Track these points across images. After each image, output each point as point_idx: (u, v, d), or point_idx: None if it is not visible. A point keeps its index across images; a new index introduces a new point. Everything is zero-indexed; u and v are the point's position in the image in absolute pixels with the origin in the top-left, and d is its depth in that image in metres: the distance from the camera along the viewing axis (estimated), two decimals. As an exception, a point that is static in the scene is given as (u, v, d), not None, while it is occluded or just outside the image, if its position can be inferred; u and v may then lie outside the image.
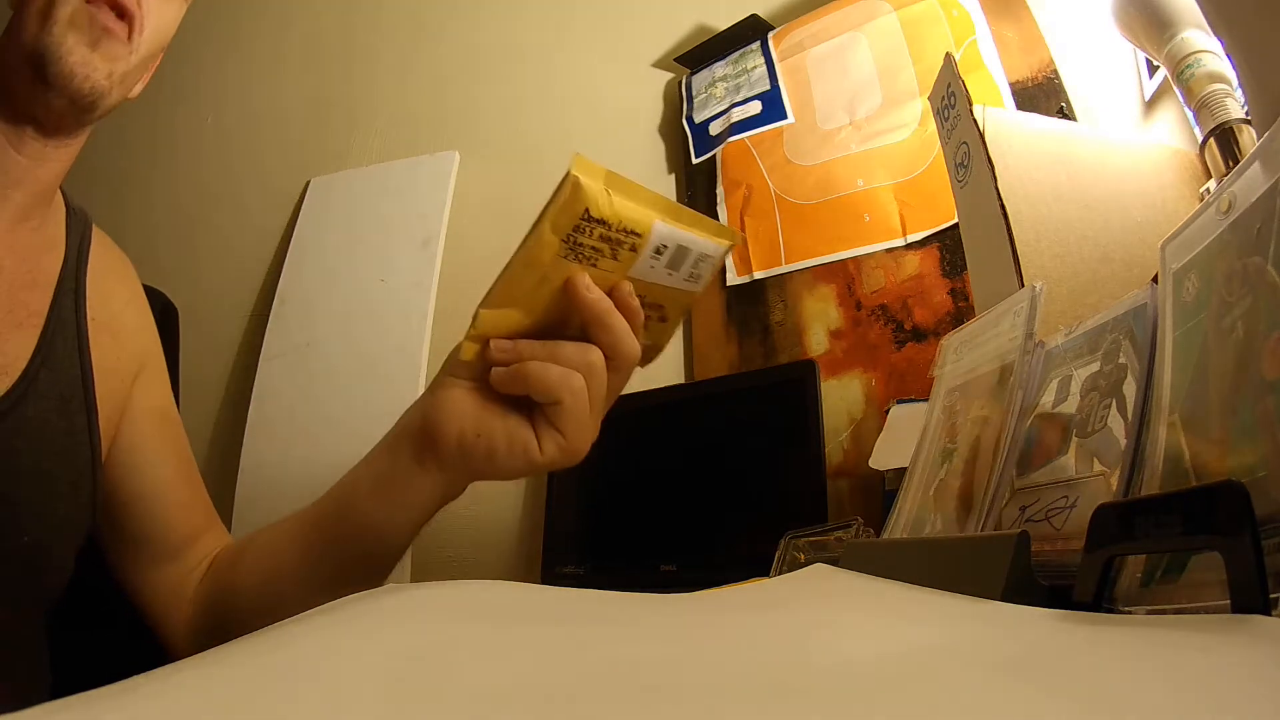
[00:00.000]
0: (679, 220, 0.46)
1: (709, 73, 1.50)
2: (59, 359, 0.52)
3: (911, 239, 1.19)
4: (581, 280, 0.43)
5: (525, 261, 0.43)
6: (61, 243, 0.56)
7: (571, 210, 0.41)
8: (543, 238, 0.41)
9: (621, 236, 0.43)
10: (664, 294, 0.48)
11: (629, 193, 0.42)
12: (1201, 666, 0.18)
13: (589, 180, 0.41)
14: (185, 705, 0.17)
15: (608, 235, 0.43)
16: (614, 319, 0.44)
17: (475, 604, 0.30)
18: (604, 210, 0.41)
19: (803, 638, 0.27)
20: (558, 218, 0.41)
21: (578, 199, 0.41)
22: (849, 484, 1.13)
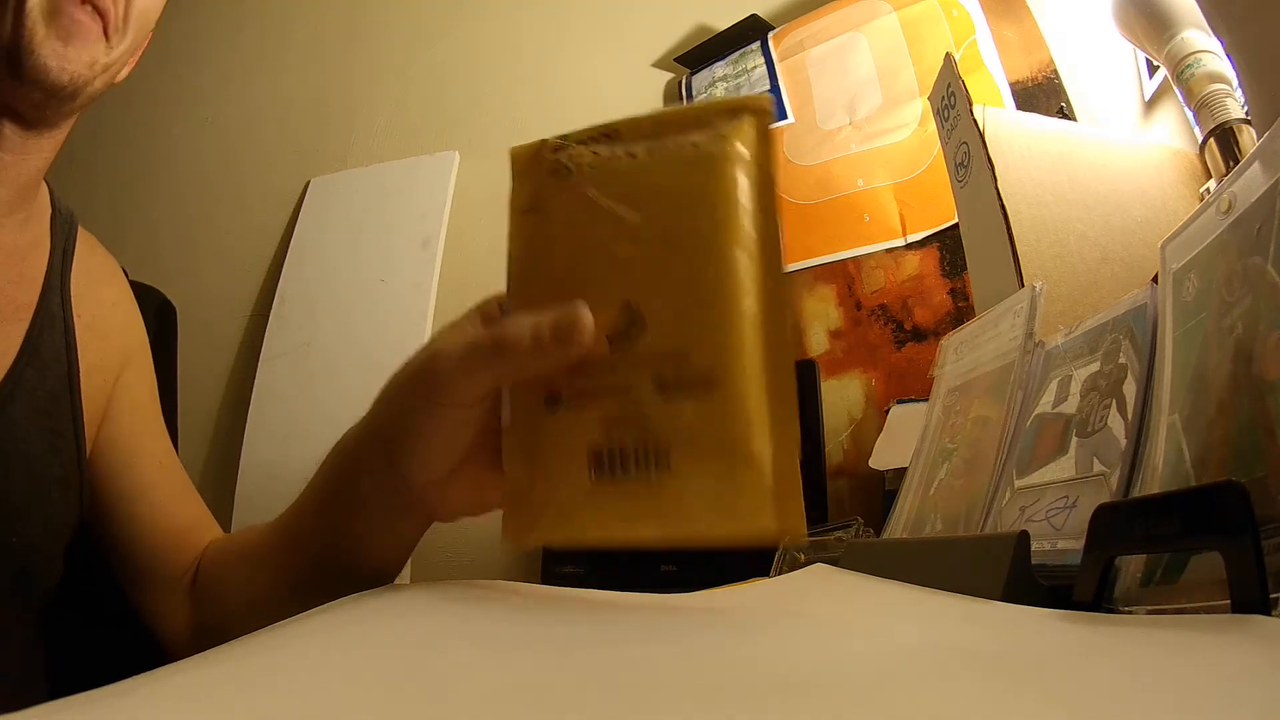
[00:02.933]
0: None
1: (709, 73, 1.50)
2: (45, 358, 0.51)
3: (911, 239, 1.19)
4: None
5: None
6: (47, 242, 0.55)
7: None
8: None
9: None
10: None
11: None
12: (1201, 666, 0.18)
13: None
14: (185, 705, 0.17)
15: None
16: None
17: (475, 604, 0.30)
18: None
19: (802, 637, 0.27)
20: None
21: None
22: (849, 484, 1.13)
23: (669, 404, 0.31)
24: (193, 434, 1.66)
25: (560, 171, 0.34)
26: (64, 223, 0.57)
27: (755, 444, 0.30)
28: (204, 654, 0.22)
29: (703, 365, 0.30)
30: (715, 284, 0.31)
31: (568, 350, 0.32)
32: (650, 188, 0.33)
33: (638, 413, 0.31)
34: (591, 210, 0.33)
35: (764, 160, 0.32)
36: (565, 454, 0.32)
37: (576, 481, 0.32)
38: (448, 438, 0.35)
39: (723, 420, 0.30)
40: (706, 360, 0.30)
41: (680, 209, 0.32)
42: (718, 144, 0.32)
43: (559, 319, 0.32)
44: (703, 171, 0.32)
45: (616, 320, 0.32)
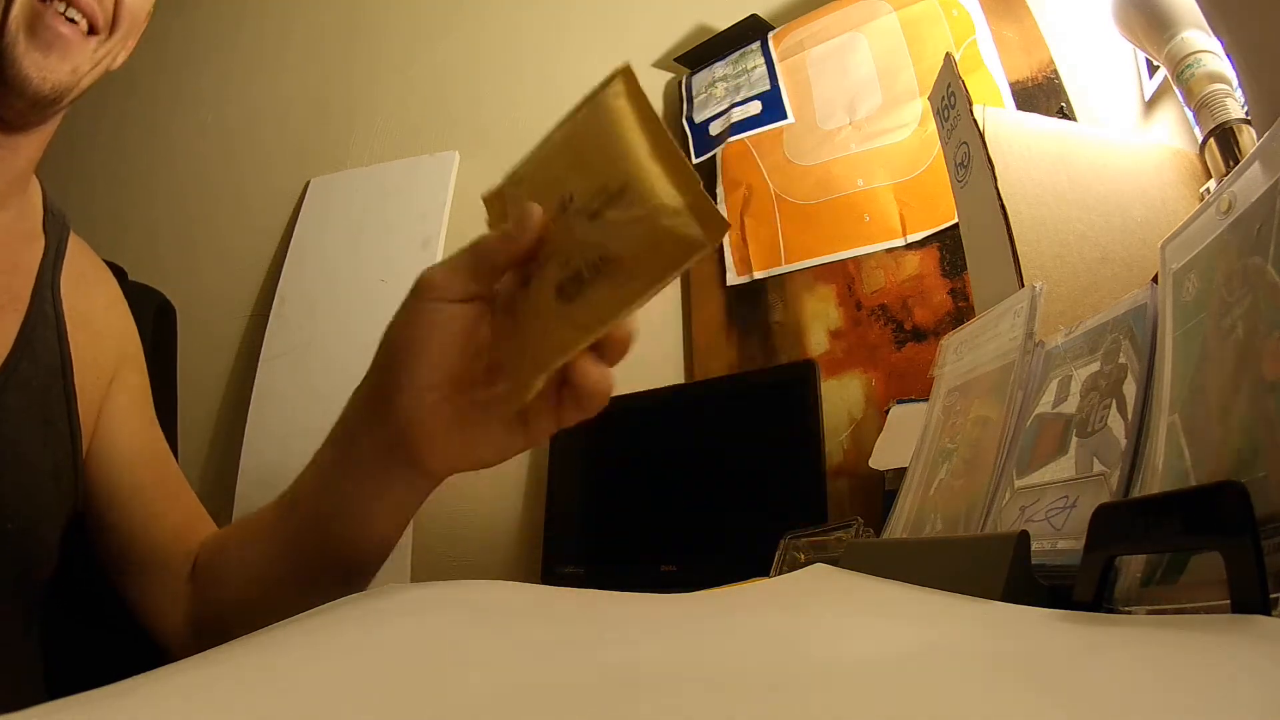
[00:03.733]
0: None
1: (709, 73, 1.50)
2: (39, 349, 0.51)
3: (911, 239, 1.19)
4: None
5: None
6: (40, 237, 0.55)
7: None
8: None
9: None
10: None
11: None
12: (1201, 666, 0.18)
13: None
14: (185, 706, 0.17)
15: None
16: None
17: (475, 604, 0.30)
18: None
19: (802, 637, 0.27)
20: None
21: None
22: (849, 484, 1.13)
23: (599, 221, 0.38)
24: (193, 434, 1.66)
25: (518, 181, 0.45)
26: (56, 223, 0.57)
27: (665, 198, 0.37)
28: (204, 654, 0.22)
29: (614, 184, 0.38)
30: (611, 142, 0.40)
31: (526, 232, 0.40)
32: (567, 138, 0.43)
33: (582, 242, 0.39)
34: (534, 174, 0.44)
35: (635, 90, 0.41)
36: (538, 302, 0.40)
37: (548, 315, 0.39)
38: (436, 334, 0.40)
39: (637, 201, 0.37)
40: (615, 180, 0.38)
41: (585, 129, 0.42)
42: (598, 93, 0.43)
43: (515, 216, 0.41)
44: (591, 106, 0.42)
45: (556, 209, 0.41)
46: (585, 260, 0.38)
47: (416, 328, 0.41)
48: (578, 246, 0.39)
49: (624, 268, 0.37)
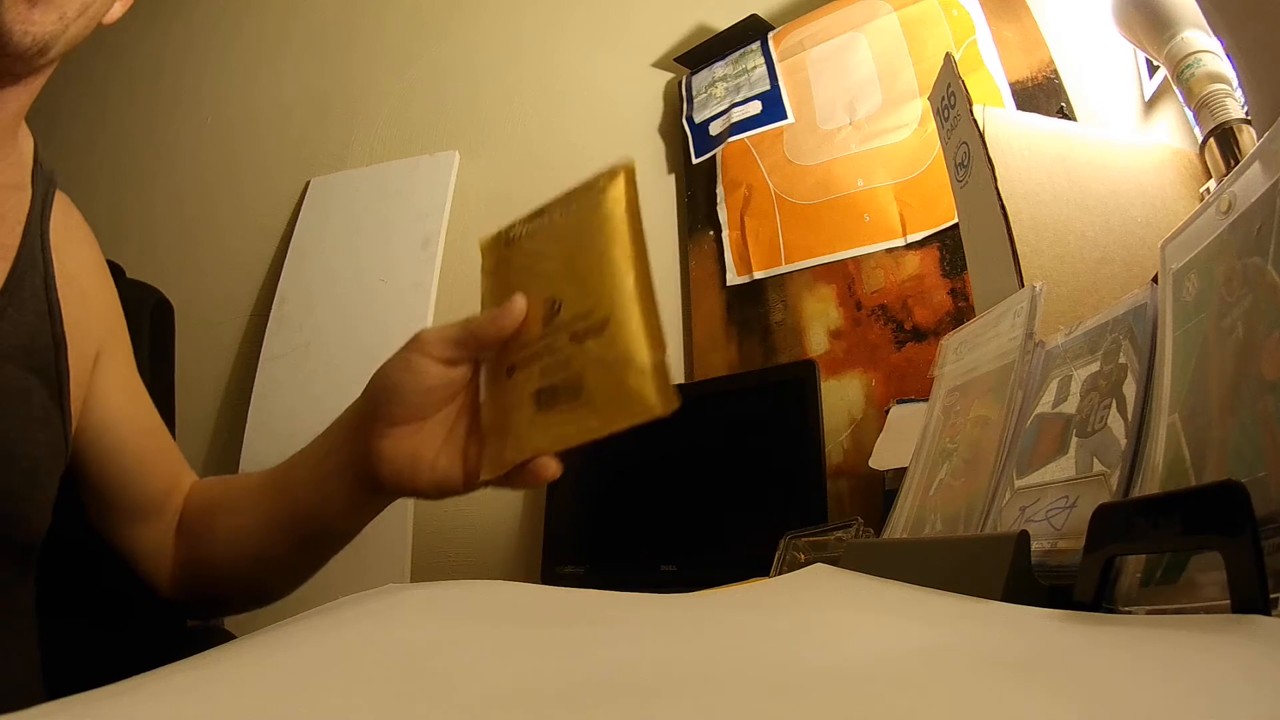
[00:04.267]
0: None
1: (709, 73, 1.50)
2: (26, 298, 0.51)
3: (911, 239, 1.19)
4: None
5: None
6: (28, 188, 0.55)
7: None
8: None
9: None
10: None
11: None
12: (1201, 666, 0.18)
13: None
14: (185, 705, 0.17)
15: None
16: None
17: (475, 604, 0.30)
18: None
19: (802, 638, 0.27)
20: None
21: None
22: (849, 484, 1.13)
23: (580, 346, 0.46)
24: (193, 434, 1.66)
25: (509, 242, 0.53)
26: (44, 178, 0.56)
27: (638, 355, 0.44)
28: (204, 654, 0.22)
29: (600, 314, 0.45)
30: (605, 265, 0.46)
31: (509, 321, 0.49)
32: (562, 229, 0.50)
33: (562, 359, 0.46)
34: (525, 255, 0.51)
35: (632, 196, 0.47)
36: (518, 401, 0.48)
37: (526, 415, 0.48)
38: (413, 381, 0.50)
39: (615, 344, 0.44)
40: (602, 310, 0.45)
41: (581, 232, 0.48)
42: (600, 194, 0.48)
43: (502, 306, 0.49)
44: (591, 208, 0.48)
45: (545, 309, 0.48)
46: (563, 379, 0.46)
47: (401, 374, 0.50)
48: (559, 363, 0.46)
49: (592, 407, 0.45)
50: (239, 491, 0.59)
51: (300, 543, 0.57)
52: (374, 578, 0.45)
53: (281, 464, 0.58)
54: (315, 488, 0.55)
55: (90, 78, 2.11)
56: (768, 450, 1.09)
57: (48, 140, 0.58)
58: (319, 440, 0.56)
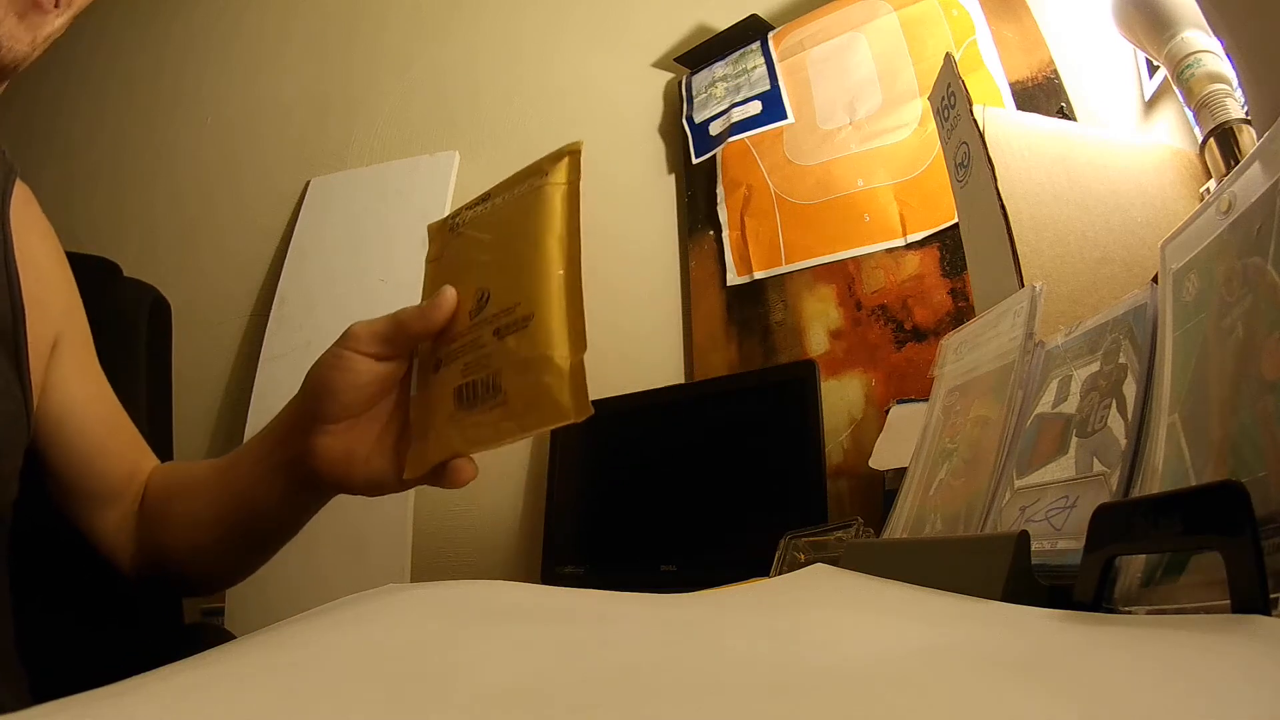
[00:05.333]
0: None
1: (709, 73, 1.50)
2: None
3: (911, 239, 1.19)
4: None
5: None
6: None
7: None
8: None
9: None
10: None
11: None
12: (1201, 666, 0.18)
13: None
14: (185, 705, 0.17)
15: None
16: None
17: (475, 604, 0.30)
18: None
19: (802, 638, 0.27)
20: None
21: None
22: (849, 484, 1.13)
23: (502, 342, 0.44)
24: (193, 434, 1.66)
25: (454, 228, 0.51)
26: (4, 166, 0.56)
27: (555, 351, 0.42)
28: (204, 654, 0.22)
29: (524, 309, 0.44)
30: (533, 258, 0.44)
31: (438, 315, 0.48)
32: (501, 217, 0.48)
33: (484, 354, 0.45)
34: (466, 242, 0.50)
35: (573, 182, 0.46)
36: (441, 397, 0.47)
37: (446, 413, 0.46)
38: (345, 379, 0.49)
39: (535, 342, 0.43)
40: (526, 305, 0.44)
41: (518, 219, 0.47)
42: (542, 179, 0.47)
43: (431, 298, 0.49)
44: (530, 196, 0.47)
45: (474, 301, 0.47)
46: (483, 376, 0.45)
47: (332, 371, 0.50)
48: (481, 359, 0.45)
49: (507, 408, 0.43)
50: (192, 480, 0.60)
51: (245, 534, 0.57)
52: (374, 578, 0.45)
53: (229, 455, 0.59)
54: (257, 483, 0.55)
55: (90, 78, 2.11)
56: (768, 450, 1.09)
57: (47, 140, 0.59)
58: (261, 435, 0.56)
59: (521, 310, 0.44)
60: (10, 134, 2.05)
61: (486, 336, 0.45)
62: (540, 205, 0.46)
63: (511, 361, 0.43)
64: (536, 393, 0.42)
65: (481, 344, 0.45)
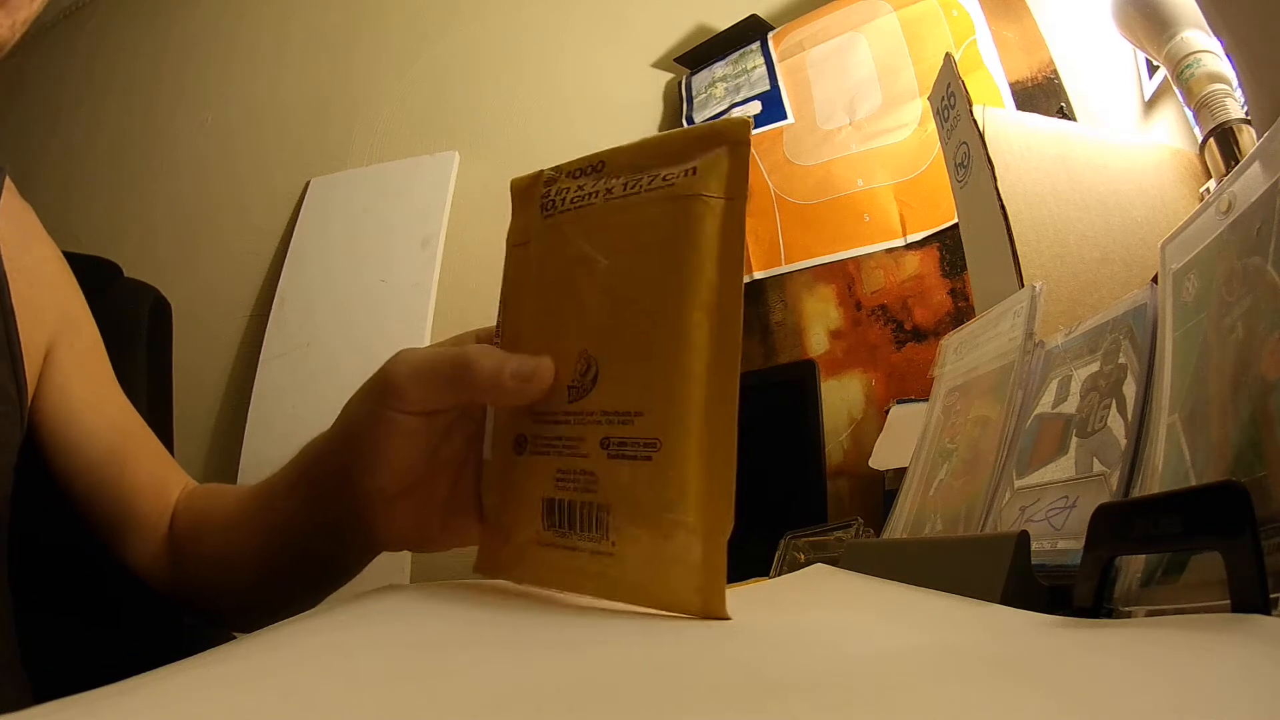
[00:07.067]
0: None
1: (709, 73, 1.50)
2: None
3: (911, 239, 1.19)
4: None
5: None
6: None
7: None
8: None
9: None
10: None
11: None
12: (1201, 667, 0.18)
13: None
14: (185, 705, 0.17)
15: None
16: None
17: (475, 604, 0.30)
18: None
19: (801, 638, 0.27)
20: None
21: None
22: (849, 484, 1.13)
23: (613, 464, 0.31)
24: (193, 434, 1.65)
25: (547, 207, 0.36)
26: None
27: (688, 516, 0.30)
28: (204, 654, 0.22)
29: (647, 427, 0.30)
30: (669, 346, 0.30)
31: (520, 395, 0.34)
32: (621, 228, 0.33)
33: (585, 468, 0.32)
34: (567, 249, 0.34)
35: (736, 199, 0.31)
36: (526, 496, 0.34)
37: (532, 527, 0.33)
38: (397, 445, 0.37)
39: (660, 487, 0.30)
40: (651, 422, 0.30)
41: (645, 254, 0.32)
42: (688, 180, 0.31)
43: (522, 364, 0.34)
44: (670, 215, 0.31)
45: (574, 366, 0.33)
46: (582, 500, 0.32)
47: (376, 431, 0.37)
48: (580, 474, 0.32)
49: (614, 569, 0.31)
50: (227, 515, 0.52)
51: (294, 579, 0.49)
52: (374, 578, 0.45)
53: (265, 494, 0.49)
54: (300, 533, 0.45)
55: (90, 78, 2.11)
56: (768, 450, 1.09)
57: (47, 141, 0.59)
58: (300, 478, 0.45)
59: (644, 427, 0.30)
60: (10, 135, 2.05)
61: (591, 442, 0.32)
62: (685, 236, 0.31)
63: (625, 501, 0.31)
64: (653, 569, 0.30)
65: (582, 449, 0.32)
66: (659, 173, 0.32)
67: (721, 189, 0.31)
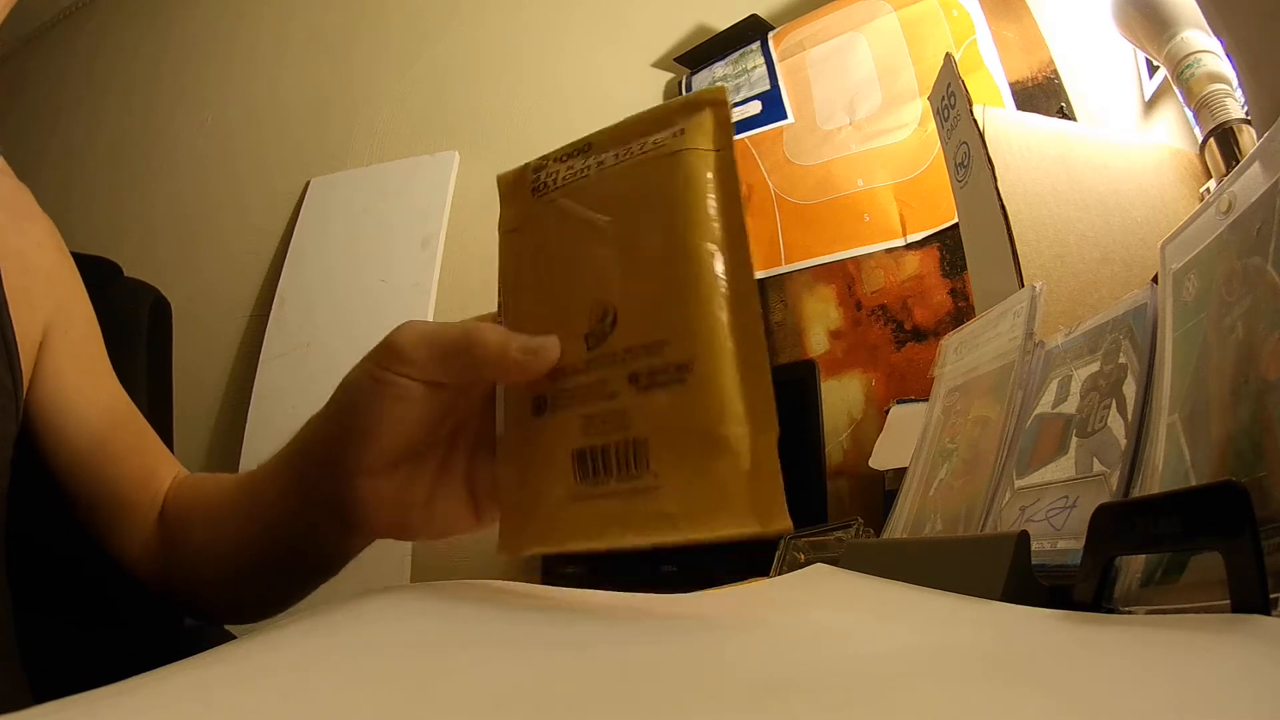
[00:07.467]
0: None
1: (709, 73, 1.50)
2: None
3: (911, 239, 1.19)
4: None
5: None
6: None
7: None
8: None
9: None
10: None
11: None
12: (1201, 666, 0.18)
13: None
14: (185, 706, 0.17)
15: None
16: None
17: (475, 604, 0.30)
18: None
19: (801, 638, 0.27)
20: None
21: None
22: (849, 484, 1.13)
23: (645, 396, 0.31)
24: (193, 434, 1.66)
25: (539, 189, 0.36)
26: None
27: (731, 428, 0.29)
28: (204, 654, 0.22)
29: (675, 353, 0.30)
30: (684, 275, 0.31)
31: (527, 369, 0.33)
32: (618, 192, 0.33)
33: (615, 408, 0.31)
34: (566, 220, 0.34)
35: (725, 149, 0.32)
36: (551, 458, 0.33)
37: (562, 485, 0.32)
38: (393, 411, 0.35)
39: (698, 406, 0.29)
40: (679, 347, 0.30)
41: (646, 207, 0.32)
42: (677, 139, 0.32)
43: (529, 339, 0.33)
44: (664, 168, 0.32)
45: (590, 320, 0.33)
46: (617, 440, 0.31)
47: (372, 400, 0.36)
48: (612, 414, 0.31)
49: (660, 500, 0.30)
50: (215, 504, 0.51)
51: (279, 571, 0.47)
52: (374, 578, 0.44)
53: (254, 477, 0.48)
54: (285, 518, 0.44)
55: (90, 78, 2.11)
56: (768, 450, 1.09)
57: (47, 140, 0.58)
58: (287, 460, 0.44)
59: (673, 353, 0.30)
60: (10, 135, 2.05)
61: (618, 381, 0.31)
62: (683, 182, 0.32)
63: (664, 429, 0.30)
64: (705, 487, 0.29)
65: (611, 390, 0.31)
66: (648, 139, 0.33)
67: (710, 143, 0.32)
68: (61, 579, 0.58)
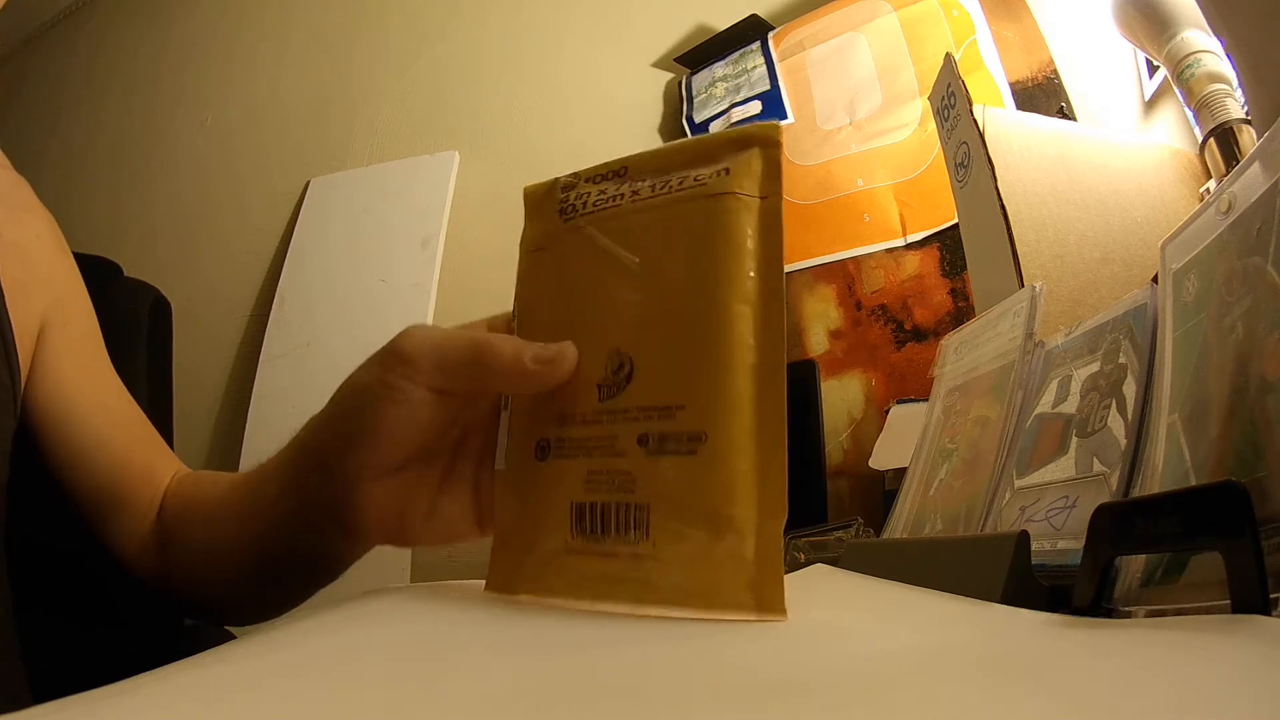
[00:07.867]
0: None
1: (709, 73, 1.50)
2: None
3: (911, 239, 1.19)
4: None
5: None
6: None
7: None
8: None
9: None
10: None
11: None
12: (1201, 667, 0.18)
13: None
14: (185, 706, 0.17)
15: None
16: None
17: (475, 604, 0.30)
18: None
19: (801, 639, 0.27)
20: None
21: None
22: (849, 484, 1.13)
23: (653, 462, 0.29)
24: (193, 434, 1.66)
25: (567, 211, 0.34)
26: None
27: (738, 509, 0.28)
28: (204, 654, 0.22)
29: (690, 421, 0.29)
30: (710, 336, 0.29)
31: (542, 379, 0.32)
32: (651, 228, 0.31)
33: (621, 468, 0.30)
34: (592, 252, 0.33)
35: (771, 197, 0.30)
36: (549, 505, 0.31)
37: (558, 536, 0.31)
38: (397, 416, 0.34)
39: (706, 482, 0.28)
40: (695, 415, 0.29)
41: (680, 252, 0.30)
42: (720, 180, 0.30)
43: (544, 348, 0.32)
44: (703, 211, 0.30)
45: (604, 367, 0.31)
46: (618, 501, 0.30)
47: (378, 405, 0.35)
48: (615, 473, 0.30)
49: (655, 572, 0.29)
50: (214, 503, 0.51)
51: (278, 573, 0.47)
52: (374, 578, 0.44)
53: (252, 481, 0.47)
54: (284, 519, 0.43)
55: (90, 78, 2.11)
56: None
57: (47, 140, 0.58)
58: (287, 460, 0.43)
59: (687, 420, 0.29)
60: (10, 135, 2.05)
61: (627, 440, 0.30)
62: (721, 230, 0.30)
63: (668, 499, 0.29)
64: (703, 567, 0.28)
65: (617, 447, 0.30)
66: (689, 174, 0.31)
67: (756, 188, 0.30)
68: (61, 577, 0.58)
